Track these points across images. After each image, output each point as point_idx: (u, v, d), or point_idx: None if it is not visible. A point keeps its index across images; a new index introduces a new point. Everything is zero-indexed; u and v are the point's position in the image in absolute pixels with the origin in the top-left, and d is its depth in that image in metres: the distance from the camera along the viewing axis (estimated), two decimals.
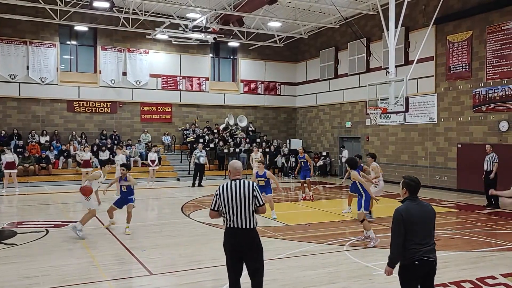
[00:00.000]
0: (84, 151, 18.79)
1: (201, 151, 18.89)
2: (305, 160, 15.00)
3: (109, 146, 21.73)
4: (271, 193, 11.53)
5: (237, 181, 5.00)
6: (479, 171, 15.67)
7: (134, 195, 10.10)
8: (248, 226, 4.92)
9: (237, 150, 23.42)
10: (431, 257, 4.47)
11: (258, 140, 25.27)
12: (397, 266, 4.59)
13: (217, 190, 5.03)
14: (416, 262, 4.39)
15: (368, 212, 9.98)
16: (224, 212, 4.96)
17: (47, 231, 10.05)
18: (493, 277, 6.77)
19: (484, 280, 6.64)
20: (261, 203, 4.99)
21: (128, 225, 9.91)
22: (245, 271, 5.13)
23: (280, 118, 27.73)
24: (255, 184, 5.09)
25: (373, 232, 8.84)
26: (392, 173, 20.42)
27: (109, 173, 13.45)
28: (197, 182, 18.78)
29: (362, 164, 11.98)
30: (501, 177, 13.69)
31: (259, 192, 5.04)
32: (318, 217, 12.09)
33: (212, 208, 5.06)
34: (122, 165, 11.16)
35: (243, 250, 4.97)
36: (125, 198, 10.01)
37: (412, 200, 4.58)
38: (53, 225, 10.76)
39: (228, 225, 4.99)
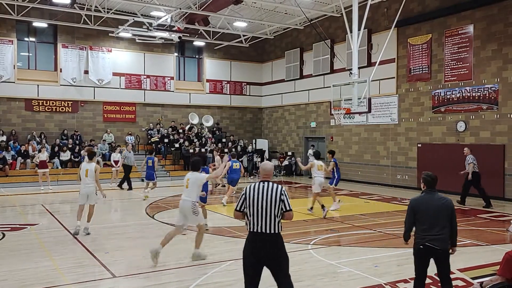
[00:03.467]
0: (41, 151, 18.21)
1: (130, 152, 18.23)
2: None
3: (70, 146, 21.14)
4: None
5: (266, 183, 4.79)
6: (439, 170, 16.25)
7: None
8: (271, 231, 4.67)
9: (203, 150, 23.29)
10: (435, 245, 5.03)
11: (224, 140, 25.22)
12: None
13: (243, 190, 4.84)
14: (421, 246, 5.10)
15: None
16: (248, 215, 4.74)
17: (4, 235, 9.66)
18: (451, 272, 7.00)
19: None
20: (288, 208, 4.73)
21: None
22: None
23: (246, 118, 27.77)
24: (284, 188, 4.84)
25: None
26: (355, 172, 20.85)
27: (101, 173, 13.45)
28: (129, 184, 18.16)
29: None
30: (460, 175, 14.25)
31: (287, 196, 4.78)
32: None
33: (236, 208, 4.85)
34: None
35: (265, 256, 4.65)
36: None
37: (428, 192, 5.22)
38: (10, 229, 10.35)
39: (250, 229, 4.73)
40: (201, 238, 7.79)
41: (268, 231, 4.65)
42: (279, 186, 4.79)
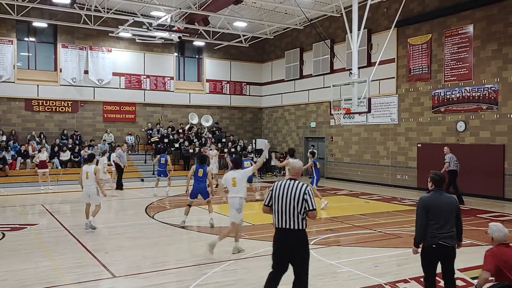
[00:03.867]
0: (41, 151, 18.22)
1: (124, 152, 17.82)
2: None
3: (70, 146, 21.14)
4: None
5: (293, 181, 4.95)
6: (439, 170, 16.22)
7: None
8: (295, 227, 4.83)
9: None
10: (448, 242, 5.01)
11: (223, 140, 25.22)
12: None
13: (272, 186, 5.06)
14: (434, 246, 4.98)
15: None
16: (273, 210, 4.94)
17: (4, 235, 9.66)
18: None
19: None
20: (311, 208, 4.83)
21: None
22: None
23: (246, 118, 27.77)
24: (309, 187, 4.94)
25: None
26: (355, 172, 20.86)
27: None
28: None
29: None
30: (459, 175, 14.24)
31: (312, 196, 4.88)
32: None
33: (265, 203, 5.05)
34: None
35: (289, 250, 4.87)
36: None
37: (436, 191, 5.21)
38: (10, 229, 10.35)
39: (276, 225, 4.94)
40: (237, 232, 8.30)
41: (292, 227, 4.83)
42: (304, 185, 4.90)
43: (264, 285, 5.05)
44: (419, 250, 5.20)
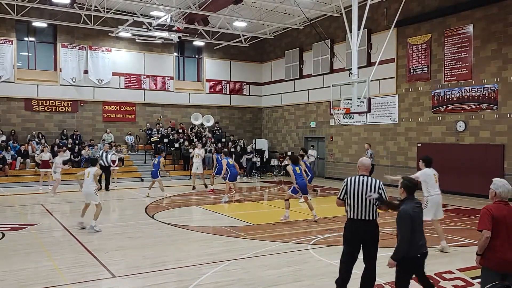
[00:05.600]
0: (43, 151, 18.20)
1: (106, 151, 17.38)
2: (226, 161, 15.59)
3: (70, 146, 21.13)
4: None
5: (365, 177, 5.45)
6: (438, 170, 16.20)
7: None
8: (369, 218, 5.35)
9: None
10: (426, 250, 5.10)
11: (223, 140, 25.22)
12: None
13: (344, 182, 5.50)
14: (419, 255, 4.97)
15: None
16: (348, 203, 5.41)
17: (3, 235, 9.66)
18: (450, 272, 7.03)
19: (442, 275, 6.88)
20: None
21: None
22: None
23: (246, 118, 27.76)
24: (382, 183, 5.48)
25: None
26: (355, 172, 20.78)
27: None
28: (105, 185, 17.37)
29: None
30: (459, 175, 14.24)
31: (385, 190, 5.44)
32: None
33: (339, 197, 5.54)
34: None
35: (363, 238, 5.36)
36: None
37: (411, 199, 5.05)
38: (9, 228, 10.35)
39: (350, 217, 5.41)
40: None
41: (367, 218, 5.35)
42: (378, 181, 5.46)
43: (340, 266, 5.60)
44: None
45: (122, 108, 23.96)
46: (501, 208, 4.59)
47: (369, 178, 5.45)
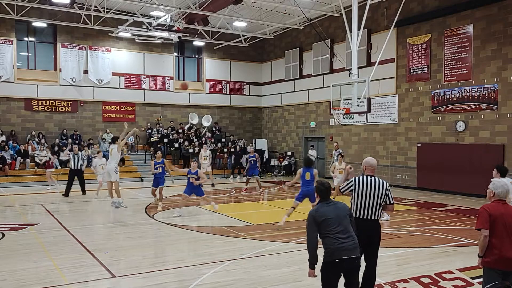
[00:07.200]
0: (47, 151, 18.29)
1: (76, 154, 15.98)
2: (255, 159, 17.31)
3: (69, 146, 21.10)
4: (203, 194, 12.02)
5: (372, 177, 5.54)
6: (438, 170, 16.31)
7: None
8: (374, 218, 5.46)
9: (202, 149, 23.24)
10: (352, 256, 4.73)
11: (223, 140, 25.21)
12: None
13: (352, 181, 5.57)
14: (337, 260, 4.65)
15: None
16: (355, 203, 5.47)
17: (3, 235, 9.66)
18: (450, 272, 7.03)
19: (442, 275, 6.88)
20: (392, 202, 5.53)
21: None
22: None
23: (246, 118, 27.76)
24: (388, 183, 5.62)
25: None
26: (355, 172, 20.81)
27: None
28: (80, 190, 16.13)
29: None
30: (459, 175, 14.24)
31: (391, 191, 5.55)
32: (283, 216, 12.14)
33: (341, 190, 5.67)
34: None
35: (367, 235, 5.37)
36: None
37: (326, 202, 4.83)
38: (9, 228, 10.35)
39: (357, 216, 5.44)
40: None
41: (371, 218, 5.45)
42: (385, 182, 5.56)
43: None
44: None
45: (122, 108, 23.96)
46: (498, 207, 4.66)
47: (377, 178, 5.53)
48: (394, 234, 9.65)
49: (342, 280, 4.78)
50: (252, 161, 17.28)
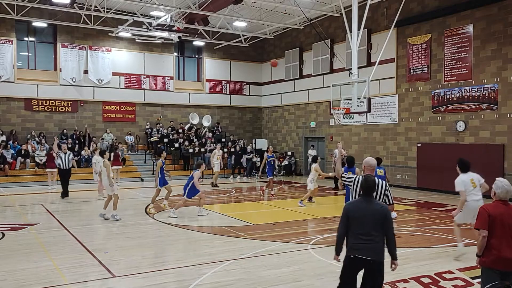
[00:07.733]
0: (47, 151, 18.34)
1: (65, 153, 15.69)
2: (274, 159, 16.98)
3: (70, 146, 21.09)
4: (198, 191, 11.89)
5: (372, 177, 5.34)
6: (438, 169, 16.30)
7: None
8: None
9: (202, 150, 23.29)
10: (365, 257, 4.72)
11: (223, 140, 25.21)
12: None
13: (353, 180, 5.60)
14: (351, 256, 4.69)
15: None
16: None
17: (3, 235, 9.66)
18: (450, 272, 7.03)
19: (442, 275, 6.88)
20: (391, 202, 5.57)
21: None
22: None
23: (246, 118, 27.77)
24: (387, 184, 5.62)
25: None
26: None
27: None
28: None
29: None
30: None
31: (390, 192, 5.58)
32: (283, 216, 12.17)
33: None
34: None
35: None
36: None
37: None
38: (9, 228, 10.35)
39: None
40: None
41: None
42: (384, 182, 5.53)
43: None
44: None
45: (122, 108, 23.96)
46: (498, 207, 4.68)
47: (376, 179, 5.44)
48: (397, 234, 9.64)
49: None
50: (272, 161, 16.60)
